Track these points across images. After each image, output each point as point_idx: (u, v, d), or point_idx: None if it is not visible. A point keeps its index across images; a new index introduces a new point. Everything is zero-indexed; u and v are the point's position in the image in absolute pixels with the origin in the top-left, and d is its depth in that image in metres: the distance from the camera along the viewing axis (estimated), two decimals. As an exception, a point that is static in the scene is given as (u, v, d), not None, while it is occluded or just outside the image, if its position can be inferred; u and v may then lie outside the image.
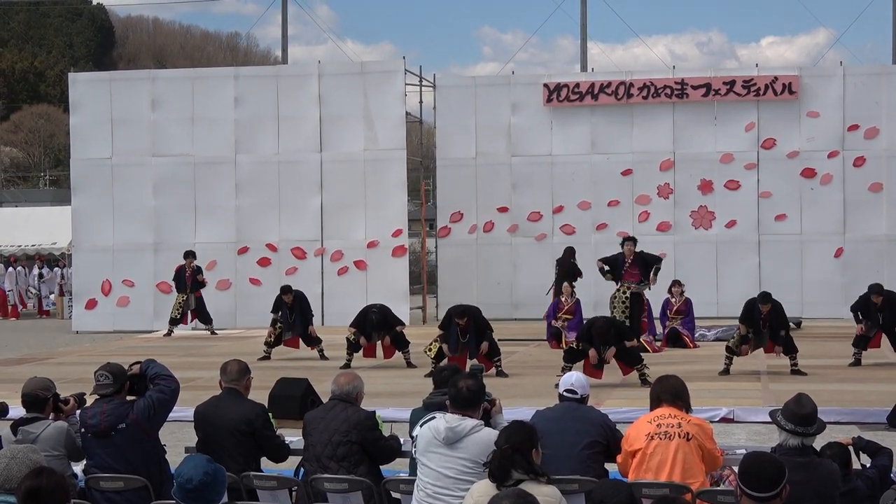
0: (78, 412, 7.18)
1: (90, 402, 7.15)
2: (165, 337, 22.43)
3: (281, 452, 7.47)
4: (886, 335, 15.52)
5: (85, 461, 7.05)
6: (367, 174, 24.16)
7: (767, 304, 14.79)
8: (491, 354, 14.92)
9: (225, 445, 7.10)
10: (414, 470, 6.52)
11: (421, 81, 26.05)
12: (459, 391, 6.31)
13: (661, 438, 6.36)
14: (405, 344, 16.42)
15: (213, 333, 22.54)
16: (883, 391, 12.95)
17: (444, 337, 14.96)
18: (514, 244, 25.03)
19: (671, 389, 6.60)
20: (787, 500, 4.85)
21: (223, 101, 24.72)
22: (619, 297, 17.61)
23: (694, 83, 24.47)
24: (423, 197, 28.84)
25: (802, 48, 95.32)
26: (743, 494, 4.83)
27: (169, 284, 23.40)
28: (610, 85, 24.68)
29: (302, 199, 24.41)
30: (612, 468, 6.82)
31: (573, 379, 7.08)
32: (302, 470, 7.33)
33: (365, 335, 16.20)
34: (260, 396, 8.02)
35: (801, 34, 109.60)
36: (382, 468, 7.23)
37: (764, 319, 14.71)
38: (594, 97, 24.68)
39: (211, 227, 24.60)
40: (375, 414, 7.23)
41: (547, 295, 21.02)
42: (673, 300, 19.34)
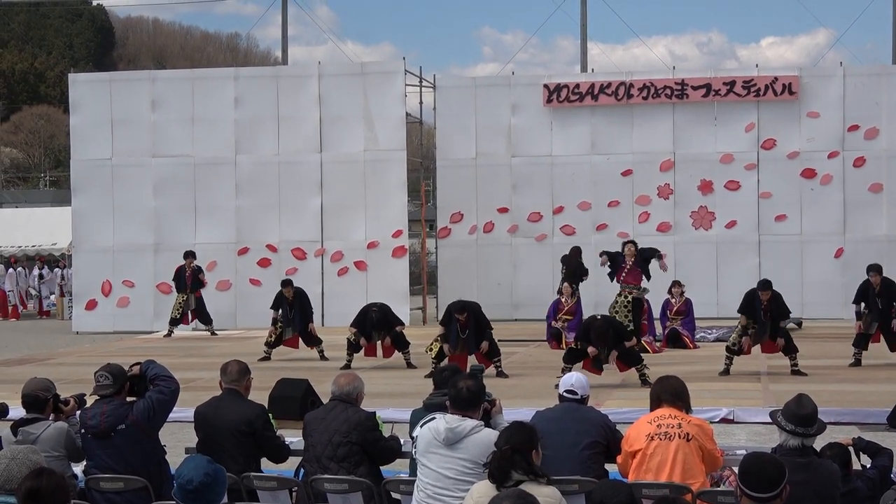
0: (78, 413, 7.19)
1: (90, 402, 7.16)
2: (165, 338, 22.42)
3: (281, 453, 7.47)
4: (884, 335, 15.51)
5: (85, 462, 7.05)
6: (367, 175, 24.17)
7: (767, 290, 14.80)
8: (491, 355, 14.92)
9: (225, 446, 7.10)
10: (414, 470, 6.52)
11: (421, 82, 26.05)
12: (459, 392, 6.31)
13: (661, 439, 6.36)
14: (405, 344, 16.43)
15: (213, 334, 22.54)
16: (883, 392, 12.95)
17: (444, 336, 14.97)
18: (514, 245, 25.02)
19: (671, 390, 6.61)
20: (787, 500, 4.85)
21: (223, 101, 24.73)
22: (620, 301, 17.55)
23: (694, 84, 24.47)
24: (423, 197, 28.84)
25: (802, 48, 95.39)
26: (743, 495, 4.83)
27: (169, 285, 23.40)
28: (610, 85, 24.68)
29: (302, 199, 24.41)
30: (612, 469, 6.82)
31: (573, 380, 7.08)
32: (302, 470, 7.33)
33: (365, 335, 16.20)
34: (260, 397, 8.02)
35: (801, 34, 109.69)
36: (382, 469, 7.23)
37: (765, 309, 14.71)
38: (594, 98, 24.68)
39: (211, 227, 24.60)
40: (375, 414, 7.23)
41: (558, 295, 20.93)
42: (673, 301, 19.34)
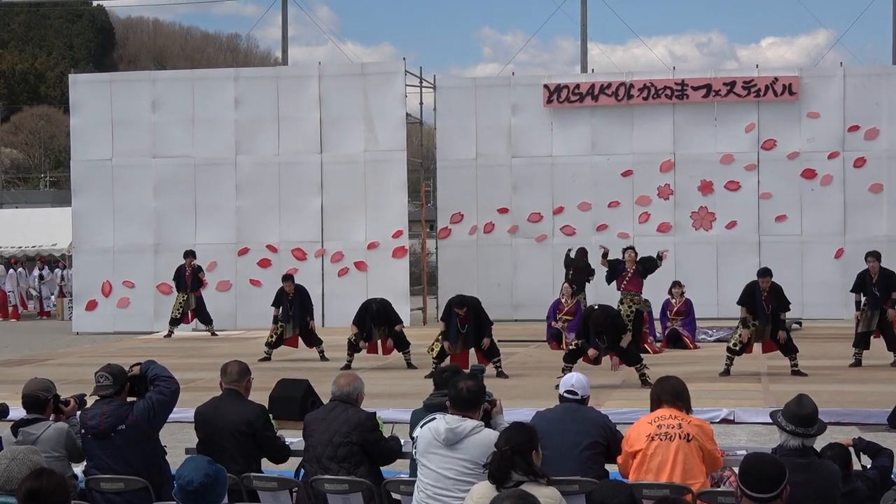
0: (78, 413, 7.18)
1: (90, 403, 7.16)
2: (166, 338, 22.42)
3: (281, 453, 7.47)
4: (882, 333, 15.48)
5: (85, 462, 7.05)
6: (367, 175, 24.17)
7: (767, 277, 14.80)
8: (490, 355, 14.92)
9: (225, 446, 7.10)
10: (414, 471, 6.52)
11: (421, 82, 26.05)
12: (460, 392, 6.31)
13: (661, 439, 6.36)
14: (406, 345, 16.45)
15: (213, 334, 22.54)
16: (883, 392, 12.95)
17: (444, 333, 14.99)
18: (514, 245, 25.03)
19: (672, 390, 6.60)
20: (787, 501, 4.85)
21: (223, 102, 24.74)
22: (623, 311, 17.37)
23: (694, 84, 24.47)
24: (423, 198, 28.84)
25: (802, 49, 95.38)
26: (743, 495, 4.83)
27: (169, 285, 23.39)
28: (610, 86, 24.68)
29: (302, 200, 24.41)
30: (612, 469, 6.81)
31: (573, 380, 7.07)
32: (302, 471, 7.33)
33: (366, 331, 16.21)
34: (260, 397, 8.01)
35: (801, 35, 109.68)
36: (383, 469, 7.23)
37: (766, 300, 14.69)
38: (594, 98, 24.68)
39: (211, 228, 24.61)
40: (376, 415, 7.23)
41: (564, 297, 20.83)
42: (673, 301, 19.34)
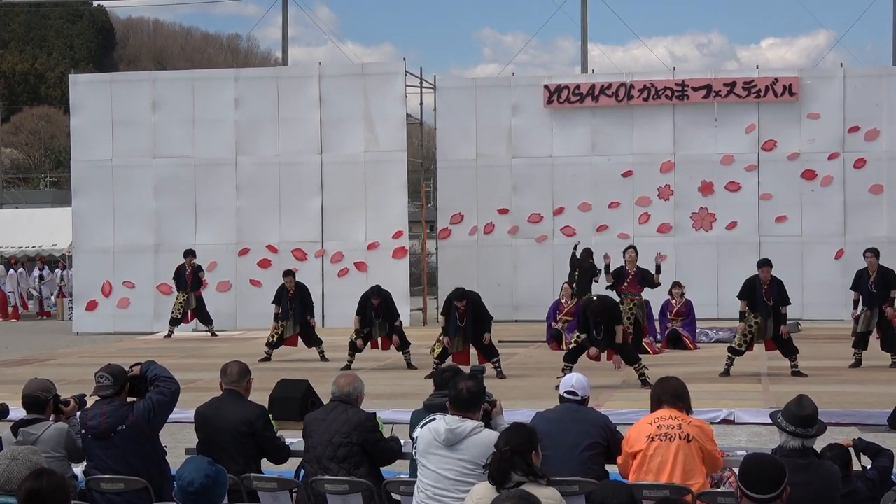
0: (78, 413, 7.18)
1: (90, 403, 7.15)
2: (166, 338, 22.42)
3: (281, 454, 7.47)
4: (878, 333, 15.48)
5: (85, 462, 7.05)
6: (367, 176, 24.17)
7: (766, 268, 14.77)
8: (489, 355, 14.93)
9: (225, 447, 7.10)
10: (414, 471, 6.51)
11: (421, 83, 26.06)
12: (460, 393, 6.30)
13: (661, 440, 6.36)
14: (406, 345, 16.45)
15: (213, 335, 22.53)
16: (883, 393, 12.95)
17: (444, 329, 15.00)
18: (514, 246, 25.03)
19: (672, 391, 6.60)
20: (787, 501, 4.85)
21: (224, 102, 24.74)
22: (623, 310, 17.37)
23: (694, 85, 24.47)
24: (423, 198, 28.85)
25: (803, 50, 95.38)
26: (743, 496, 4.83)
27: (169, 286, 23.39)
28: (610, 86, 24.68)
29: (302, 200, 24.42)
30: (612, 469, 6.81)
31: (574, 380, 7.07)
32: (302, 471, 7.33)
33: (366, 321, 16.20)
34: (260, 398, 8.01)
35: (801, 36, 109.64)
36: (383, 470, 7.22)
37: (766, 293, 14.66)
38: (595, 99, 24.69)
39: (211, 228, 24.61)
40: (376, 415, 7.22)
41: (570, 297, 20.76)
42: (673, 302, 19.33)
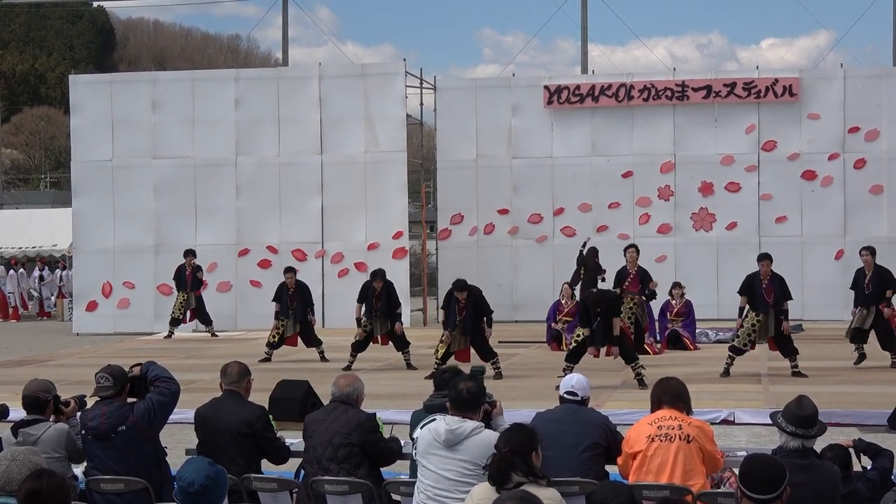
0: (78, 414, 7.18)
1: (91, 404, 7.15)
2: (166, 339, 22.42)
3: (281, 454, 7.47)
4: (876, 333, 15.47)
5: (85, 463, 7.05)
6: (367, 176, 24.17)
7: (766, 261, 14.77)
8: (488, 356, 14.92)
9: (225, 447, 7.10)
10: (414, 472, 6.51)
11: (421, 83, 26.06)
12: (460, 393, 6.30)
13: (661, 440, 6.36)
14: (406, 345, 16.45)
15: (213, 335, 22.53)
16: (884, 393, 12.95)
17: (444, 323, 15.00)
18: (514, 246, 25.03)
19: (672, 391, 6.60)
20: (787, 501, 4.85)
21: (224, 103, 24.74)
22: (624, 310, 17.39)
23: (694, 85, 24.47)
24: (423, 199, 28.85)
25: (803, 50, 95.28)
26: (743, 496, 4.83)
27: (169, 286, 23.38)
28: (610, 87, 24.68)
29: (302, 201, 24.41)
30: (612, 470, 6.81)
31: (574, 381, 7.07)
32: (302, 472, 7.33)
33: (368, 308, 16.21)
34: (260, 398, 8.01)
35: (801, 36, 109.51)
36: (383, 470, 7.22)
37: (766, 289, 14.66)
38: (595, 99, 24.69)
39: (211, 229, 24.61)
40: (376, 416, 7.22)
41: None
42: (673, 302, 19.33)
